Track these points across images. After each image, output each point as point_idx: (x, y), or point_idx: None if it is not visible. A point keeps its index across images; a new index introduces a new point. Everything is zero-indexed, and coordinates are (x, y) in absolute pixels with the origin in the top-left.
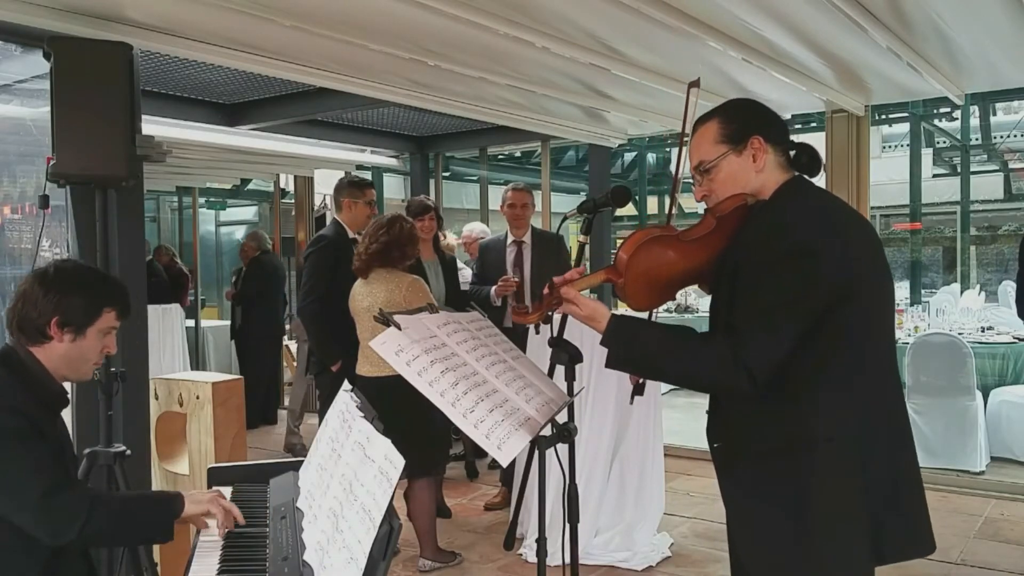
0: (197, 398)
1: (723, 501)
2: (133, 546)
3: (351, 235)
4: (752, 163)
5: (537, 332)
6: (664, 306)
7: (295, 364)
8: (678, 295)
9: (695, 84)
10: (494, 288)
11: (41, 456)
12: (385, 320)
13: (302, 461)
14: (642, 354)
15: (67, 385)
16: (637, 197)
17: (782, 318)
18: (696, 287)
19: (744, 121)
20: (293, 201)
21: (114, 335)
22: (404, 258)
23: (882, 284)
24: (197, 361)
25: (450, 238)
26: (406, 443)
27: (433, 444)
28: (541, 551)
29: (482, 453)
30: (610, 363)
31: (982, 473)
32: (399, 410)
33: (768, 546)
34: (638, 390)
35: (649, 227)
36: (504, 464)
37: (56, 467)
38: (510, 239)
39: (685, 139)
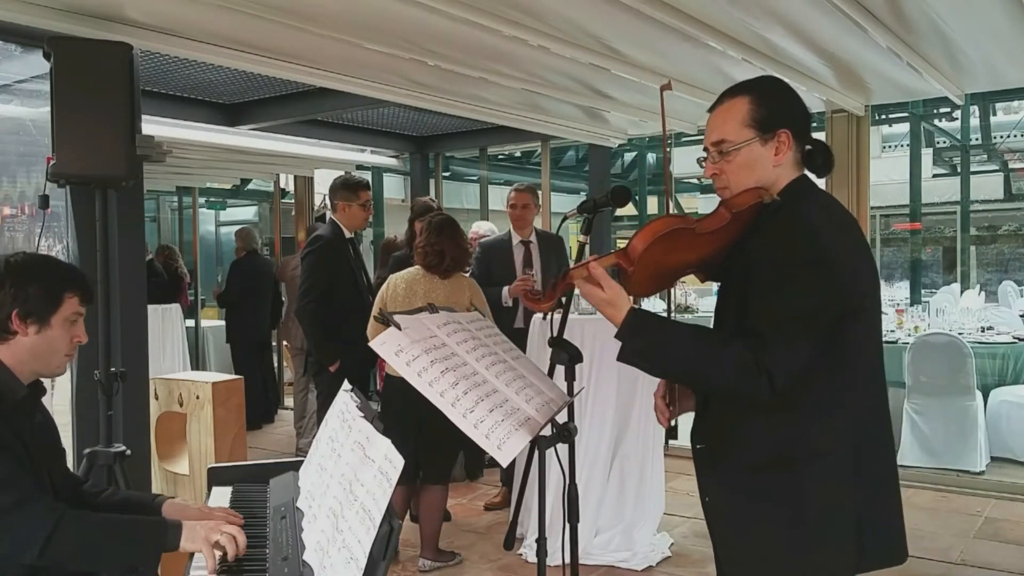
0: (197, 398)
1: (703, 504)
2: (113, 573)
3: (348, 235)
4: (774, 156)
5: (544, 318)
6: (663, 306)
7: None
8: (678, 295)
9: (667, 87)
10: (508, 288)
11: None
12: (385, 320)
13: (302, 461)
14: (659, 350)
15: (47, 383)
16: (637, 197)
17: (803, 327)
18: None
19: (778, 110)
20: (293, 201)
21: (82, 324)
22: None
23: (879, 295)
24: (197, 361)
25: None
26: (438, 448)
27: (459, 449)
28: (541, 551)
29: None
30: (623, 357)
31: (982, 473)
32: (433, 414)
33: (762, 558)
34: (671, 434)
35: (666, 218)
36: (504, 464)
37: (15, 481)
38: (516, 239)
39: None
